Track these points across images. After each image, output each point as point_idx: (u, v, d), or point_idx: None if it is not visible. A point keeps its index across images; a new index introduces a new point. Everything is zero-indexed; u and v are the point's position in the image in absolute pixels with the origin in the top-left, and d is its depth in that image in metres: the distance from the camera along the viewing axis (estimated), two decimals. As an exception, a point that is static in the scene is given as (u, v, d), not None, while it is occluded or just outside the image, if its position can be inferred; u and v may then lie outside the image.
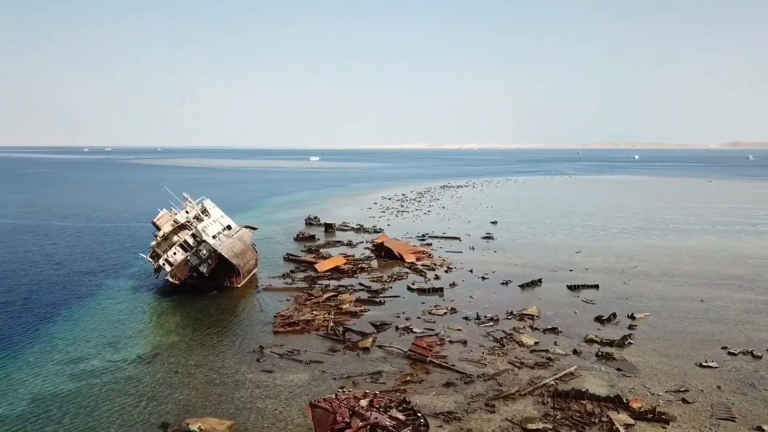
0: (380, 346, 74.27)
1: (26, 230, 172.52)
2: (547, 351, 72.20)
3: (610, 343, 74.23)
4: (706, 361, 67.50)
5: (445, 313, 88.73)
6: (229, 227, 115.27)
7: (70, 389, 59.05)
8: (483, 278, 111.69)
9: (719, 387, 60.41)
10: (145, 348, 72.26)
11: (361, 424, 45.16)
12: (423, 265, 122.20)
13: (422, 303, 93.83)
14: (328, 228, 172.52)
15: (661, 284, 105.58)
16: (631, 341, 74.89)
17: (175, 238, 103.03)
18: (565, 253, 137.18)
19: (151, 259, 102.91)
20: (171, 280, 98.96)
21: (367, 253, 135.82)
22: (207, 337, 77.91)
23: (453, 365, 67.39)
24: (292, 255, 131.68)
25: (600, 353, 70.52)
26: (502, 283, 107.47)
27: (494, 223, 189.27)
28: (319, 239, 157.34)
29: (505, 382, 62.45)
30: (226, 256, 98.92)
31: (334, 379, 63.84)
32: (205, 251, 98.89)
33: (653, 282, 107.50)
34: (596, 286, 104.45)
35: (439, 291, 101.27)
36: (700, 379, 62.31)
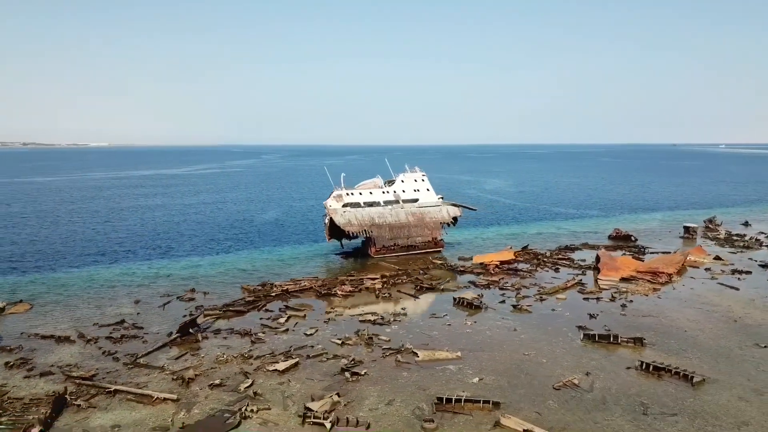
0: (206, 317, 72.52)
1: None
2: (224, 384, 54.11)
3: None
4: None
5: (323, 321, 70.88)
6: (414, 200, 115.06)
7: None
8: (593, 316, 72.14)
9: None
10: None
11: None
12: (603, 285, 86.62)
13: (402, 309, 75.53)
14: (686, 231, 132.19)
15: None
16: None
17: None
18: None
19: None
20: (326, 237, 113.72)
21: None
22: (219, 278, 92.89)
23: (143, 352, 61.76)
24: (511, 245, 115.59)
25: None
26: (581, 327, 67.77)
27: None
28: (636, 239, 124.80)
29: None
30: (336, 221, 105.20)
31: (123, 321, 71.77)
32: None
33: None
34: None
35: (477, 308, 76.13)
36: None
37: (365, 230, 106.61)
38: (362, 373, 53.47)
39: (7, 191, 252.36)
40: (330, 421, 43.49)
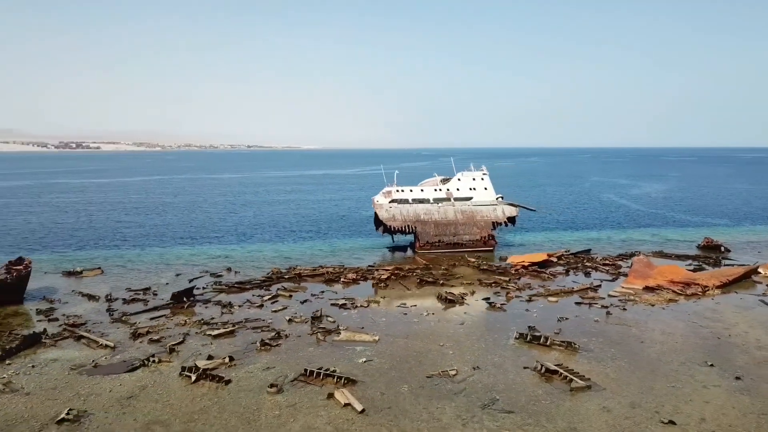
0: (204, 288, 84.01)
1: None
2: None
3: None
4: None
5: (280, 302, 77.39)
6: (468, 198, 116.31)
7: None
8: (560, 320, 70.43)
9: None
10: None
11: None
12: (614, 293, 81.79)
13: (382, 298, 79.99)
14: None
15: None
16: None
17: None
18: None
19: None
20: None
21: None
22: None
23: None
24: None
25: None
26: (531, 327, 67.02)
27: None
28: (726, 250, 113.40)
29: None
30: (380, 216, 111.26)
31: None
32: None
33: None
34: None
35: (451, 302, 78.64)
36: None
37: (408, 226, 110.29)
38: (275, 344, 59.24)
39: (192, 185, 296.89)
40: (195, 374, 50.39)
